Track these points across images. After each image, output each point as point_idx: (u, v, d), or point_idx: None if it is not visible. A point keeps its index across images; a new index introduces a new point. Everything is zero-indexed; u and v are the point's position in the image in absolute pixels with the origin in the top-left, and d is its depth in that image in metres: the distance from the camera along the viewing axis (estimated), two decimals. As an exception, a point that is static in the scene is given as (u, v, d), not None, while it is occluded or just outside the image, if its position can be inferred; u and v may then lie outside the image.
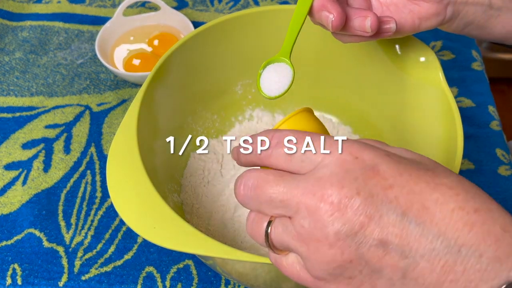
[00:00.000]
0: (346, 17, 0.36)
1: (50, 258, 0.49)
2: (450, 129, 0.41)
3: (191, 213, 0.49)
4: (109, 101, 0.62)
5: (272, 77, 0.39)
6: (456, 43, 0.68)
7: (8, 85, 0.64)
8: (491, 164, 0.56)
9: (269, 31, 0.51)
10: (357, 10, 0.37)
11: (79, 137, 0.58)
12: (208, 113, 0.54)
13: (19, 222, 0.51)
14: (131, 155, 0.39)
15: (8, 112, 0.61)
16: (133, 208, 0.36)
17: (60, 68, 0.66)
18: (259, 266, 0.35)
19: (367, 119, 0.54)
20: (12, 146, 0.57)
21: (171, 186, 0.49)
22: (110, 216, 0.52)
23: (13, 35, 0.70)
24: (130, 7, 0.73)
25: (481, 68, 0.66)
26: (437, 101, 0.44)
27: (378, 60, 0.49)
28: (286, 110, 0.58)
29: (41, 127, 0.59)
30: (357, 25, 0.37)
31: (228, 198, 0.48)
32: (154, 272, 0.48)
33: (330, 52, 0.52)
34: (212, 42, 0.50)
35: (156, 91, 0.45)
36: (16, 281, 0.47)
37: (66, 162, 0.56)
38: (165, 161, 0.47)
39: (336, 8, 0.35)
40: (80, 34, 0.70)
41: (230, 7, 0.74)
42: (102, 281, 0.47)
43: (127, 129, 0.40)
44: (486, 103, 0.62)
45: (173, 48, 0.46)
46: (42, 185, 0.54)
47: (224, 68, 0.53)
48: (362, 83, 0.53)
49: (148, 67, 0.63)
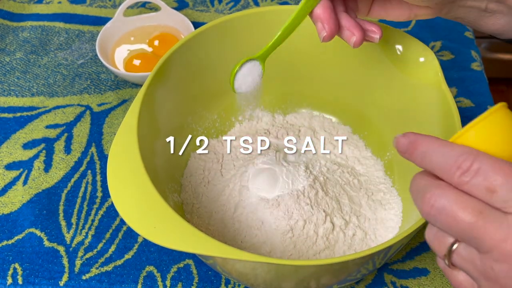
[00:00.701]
0: (339, 26, 0.38)
1: (50, 258, 0.49)
2: (449, 129, 0.41)
3: (191, 213, 0.49)
4: (110, 101, 0.62)
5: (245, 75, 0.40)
6: (456, 44, 0.68)
7: (9, 85, 0.64)
8: (490, 164, 0.56)
9: (269, 32, 0.51)
10: (349, 23, 0.38)
11: (80, 137, 0.58)
12: (208, 113, 0.54)
13: (20, 221, 0.51)
14: (132, 155, 0.39)
15: (9, 112, 0.61)
16: (133, 207, 0.36)
17: (61, 68, 0.66)
18: (259, 265, 0.36)
19: (366, 119, 0.54)
20: (13, 146, 0.58)
21: (172, 186, 0.49)
22: (111, 215, 0.52)
23: (14, 36, 0.70)
24: (130, 8, 0.73)
25: (481, 68, 0.66)
26: (436, 101, 0.44)
27: (377, 60, 0.49)
28: (286, 110, 0.58)
29: (42, 127, 0.59)
30: (345, 37, 0.39)
31: (228, 197, 0.48)
32: (154, 272, 0.48)
33: (329, 52, 0.52)
34: (212, 42, 0.50)
35: (157, 91, 0.45)
36: (17, 281, 0.47)
37: (67, 162, 0.56)
38: (165, 161, 0.47)
39: (330, 24, 0.37)
40: (80, 35, 0.71)
41: (230, 8, 0.74)
42: (102, 280, 0.47)
43: (127, 129, 0.40)
44: (485, 103, 0.62)
45: (173, 49, 0.47)
46: (42, 185, 0.54)
47: (224, 69, 0.53)
48: (361, 83, 0.53)
49: (148, 67, 0.63)
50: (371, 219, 0.48)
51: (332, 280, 0.39)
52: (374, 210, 0.48)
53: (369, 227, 0.47)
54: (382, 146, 0.53)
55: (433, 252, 0.49)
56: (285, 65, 0.55)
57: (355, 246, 0.46)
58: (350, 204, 0.48)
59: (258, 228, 0.45)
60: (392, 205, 0.49)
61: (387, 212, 0.48)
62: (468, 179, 0.26)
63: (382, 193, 0.50)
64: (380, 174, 0.52)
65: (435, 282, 0.47)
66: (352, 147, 0.54)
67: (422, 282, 0.47)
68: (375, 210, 0.49)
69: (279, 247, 0.44)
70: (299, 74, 0.56)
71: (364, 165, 0.53)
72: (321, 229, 0.45)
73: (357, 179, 0.51)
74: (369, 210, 0.48)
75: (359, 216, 0.48)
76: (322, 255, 0.45)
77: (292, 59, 0.54)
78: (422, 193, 0.27)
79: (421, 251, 0.49)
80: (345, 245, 0.45)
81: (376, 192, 0.50)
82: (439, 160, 0.27)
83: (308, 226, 0.45)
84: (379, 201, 0.49)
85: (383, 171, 0.52)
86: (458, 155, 0.26)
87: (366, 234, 0.47)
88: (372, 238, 0.47)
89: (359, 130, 0.56)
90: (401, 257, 0.49)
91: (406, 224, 0.46)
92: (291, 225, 0.45)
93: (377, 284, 0.47)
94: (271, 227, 0.45)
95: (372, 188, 0.51)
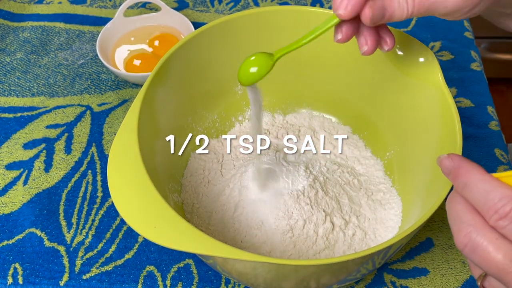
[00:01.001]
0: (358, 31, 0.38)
1: (51, 258, 0.49)
2: (449, 129, 0.41)
3: (191, 213, 0.49)
4: (110, 101, 0.62)
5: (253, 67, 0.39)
6: (455, 44, 0.68)
7: (10, 85, 0.64)
8: (490, 164, 0.56)
9: (269, 32, 0.52)
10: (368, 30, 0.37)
11: (80, 137, 0.58)
12: (208, 113, 0.55)
13: (20, 221, 0.52)
14: (132, 155, 0.39)
15: (10, 112, 0.61)
16: (134, 207, 0.36)
17: (61, 68, 0.66)
18: (259, 265, 0.36)
19: (366, 119, 0.54)
20: (13, 146, 0.58)
21: (172, 186, 0.49)
22: (111, 215, 0.52)
23: (14, 36, 0.70)
24: (130, 8, 0.73)
25: (480, 68, 0.66)
26: (436, 101, 0.44)
27: (377, 60, 0.49)
28: (286, 110, 0.58)
29: (42, 127, 0.60)
30: (359, 42, 0.38)
31: (228, 197, 0.48)
32: (154, 271, 0.48)
33: (329, 52, 0.52)
34: (213, 42, 0.50)
35: (157, 92, 0.45)
36: (17, 281, 0.47)
37: (67, 162, 0.56)
38: (165, 161, 0.47)
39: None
40: (81, 35, 0.71)
41: (230, 8, 0.75)
42: (103, 280, 0.47)
43: (127, 129, 0.40)
44: (485, 103, 0.62)
45: (173, 49, 0.47)
46: (43, 185, 0.54)
47: (224, 69, 0.53)
48: (361, 83, 0.53)
49: (148, 67, 0.63)
50: (371, 219, 0.48)
51: (332, 280, 0.40)
52: (374, 210, 0.49)
53: (369, 227, 0.47)
54: (382, 146, 0.53)
55: (433, 252, 0.49)
56: (285, 65, 0.55)
57: (355, 246, 0.46)
58: (350, 204, 0.48)
59: (258, 228, 0.46)
60: (392, 205, 0.49)
61: (387, 212, 0.48)
62: (505, 224, 0.26)
63: (382, 193, 0.50)
64: (380, 174, 0.52)
65: (435, 282, 0.47)
66: (352, 147, 0.54)
67: (421, 282, 0.47)
68: (375, 210, 0.49)
69: (279, 247, 0.44)
70: (299, 74, 0.56)
71: (364, 165, 0.53)
72: (321, 229, 0.45)
73: (357, 179, 0.51)
74: (369, 210, 0.48)
75: (359, 216, 0.48)
76: (322, 255, 0.45)
77: (292, 59, 0.54)
78: (458, 225, 0.28)
79: (420, 251, 0.49)
80: (345, 245, 0.45)
81: (376, 192, 0.50)
82: (479, 197, 0.28)
83: (308, 226, 0.45)
84: (379, 201, 0.49)
85: (383, 171, 0.52)
86: (498, 198, 0.27)
87: (366, 234, 0.47)
88: (372, 238, 0.47)
89: (359, 130, 0.56)
90: (400, 257, 0.49)
91: (406, 224, 0.46)
92: (291, 225, 0.45)
93: (377, 284, 0.47)
94: (271, 227, 0.45)
95: (372, 188, 0.51)
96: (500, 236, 0.27)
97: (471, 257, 0.27)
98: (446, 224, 0.51)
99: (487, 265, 0.27)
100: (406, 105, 0.49)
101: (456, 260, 0.49)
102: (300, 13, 0.50)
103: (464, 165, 0.29)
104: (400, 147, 0.51)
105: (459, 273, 0.48)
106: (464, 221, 0.28)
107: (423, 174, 0.46)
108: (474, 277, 0.30)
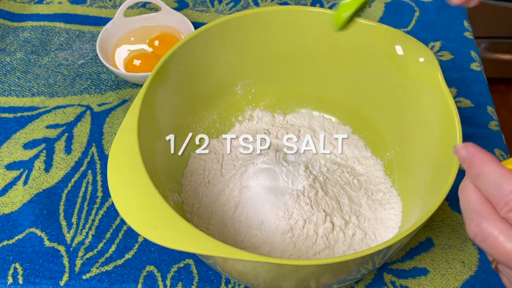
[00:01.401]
0: None
1: (51, 258, 0.49)
2: (449, 129, 0.41)
3: (191, 213, 0.49)
4: (110, 101, 0.62)
5: None
6: (455, 44, 0.68)
7: (10, 85, 0.64)
8: (490, 164, 0.56)
9: (269, 32, 0.52)
10: None
11: (80, 137, 0.58)
12: (208, 113, 0.55)
13: (20, 221, 0.52)
14: (132, 155, 0.39)
15: (10, 112, 0.61)
16: (134, 207, 0.36)
17: (61, 68, 0.66)
18: (259, 265, 0.36)
19: (366, 119, 0.54)
20: (13, 146, 0.58)
21: (172, 186, 0.49)
22: (111, 215, 0.52)
23: (14, 36, 0.70)
24: (130, 8, 0.73)
25: (480, 68, 0.66)
26: (436, 101, 0.44)
27: (377, 60, 0.49)
28: (286, 110, 0.58)
29: (42, 127, 0.60)
30: None
31: (228, 197, 0.49)
32: (154, 271, 0.48)
33: (329, 52, 0.52)
34: (213, 42, 0.50)
35: (157, 92, 0.45)
36: (17, 281, 0.47)
37: (67, 162, 0.56)
38: (165, 161, 0.47)
39: None
40: (81, 35, 0.71)
41: (230, 8, 0.75)
42: (103, 280, 0.47)
43: (128, 129, 0.40)
44: (485, 103, 0.62)
45: (173, 49, 0.47)
46: (43, 184, 0.54)
47: (224, 69, 0.53)
48: (361, 83, 0.53)
49: (148, 67, 0.63)
50: (370, 219, 0.48)
51: (332, 280, 0.40)
52: (374, 210, 0.49)
53: (369, 227, 0.47)
54: (382, 146, 0.53)
55: (432, 252, 0.49)
56: (285, 65, 0.55)
57: (355, 246, 0.46)
58: (350, 204, 0.48)
59: (258, 228, 0.46)
60: (391, 205, 0.49)
61: (386, 212, 0.48)
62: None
63: (382, 193, 0.50)
64: (380, 174, 0.52)
65: (435, 281, 0.47)
66: (352, 147, 0.54)
67: (421, 282, 0.47)
68: (375, 210, 0.49)
69: (279, 247, 0.44)
70: (299, 74, 0.56)
71: (364, 165, 0.53)
72: (321, 229, 0.45)
73: (357, 179, 0.51)
74: (369, 210, 0.48)
75: (359, 216, 0.48)
76: (322, 255, 0.45)
77: (292, 59, 0.54)
78: (469, 214, 0.29)
79: (420, 251, 0.49)
80: (345, 245, 0.45)
81: (375, 192, 0.50)
82: (491, 188, 0.29)
83: (308, 226, 0.45)
84: (379, 201, 0.49)
85: (382, 171, 0.52)
86: (509, 190, 0.28)
87: (365, 234, 0.47)
88: (371, 238, 0.47)
89: (359, 130, 0.56)
90: (400, 257, 0.49)
91: (406, 224, 0.46)
92: (291, 224, 0.45)
93: (377, 284, 0.47)
94: (271, 227, 0.45)
95: (372, 188, 0.51)
96: (510, 227, 0.28)
97: (482, 246, 0.29)
98: (446, 224, 0.51)
99: (498, 254, 0.28)
100: (406, 105, 0.49)
101: (456, 260, 0.49)
102: (300, 13, 0.50)
103: (478, 155, 0.30)
104: (400, 147, 0.51)
105: (459, 273, 0.48)
106: (475, 211, 0.29)
107: (423, 174, 0.46)
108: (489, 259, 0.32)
